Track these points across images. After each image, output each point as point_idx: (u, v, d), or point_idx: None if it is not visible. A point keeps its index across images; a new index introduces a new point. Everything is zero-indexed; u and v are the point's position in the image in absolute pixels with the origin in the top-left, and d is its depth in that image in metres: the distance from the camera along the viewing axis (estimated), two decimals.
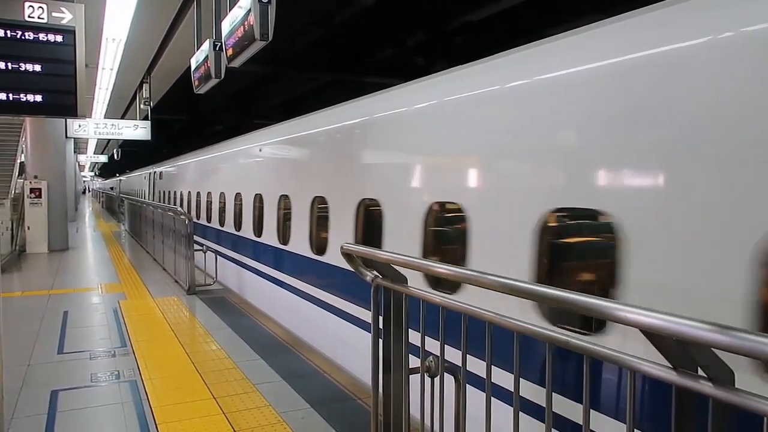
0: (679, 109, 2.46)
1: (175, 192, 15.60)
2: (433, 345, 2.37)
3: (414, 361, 2.52)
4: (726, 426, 1.38)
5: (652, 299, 2.46)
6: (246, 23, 5.15)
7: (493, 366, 2.04)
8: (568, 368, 2.74)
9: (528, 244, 3.10)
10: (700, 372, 1.39)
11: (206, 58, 7.05)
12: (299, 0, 8.25)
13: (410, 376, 2.55)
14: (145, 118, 15.06)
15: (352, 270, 2.74)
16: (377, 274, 2.69)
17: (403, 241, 4.35)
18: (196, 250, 8.25)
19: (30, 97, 6.47)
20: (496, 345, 2.03)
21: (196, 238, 8.50)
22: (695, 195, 2.38)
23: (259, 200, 8.09)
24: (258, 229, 8.06)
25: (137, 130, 14.85)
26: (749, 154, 2.18)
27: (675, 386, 1.45)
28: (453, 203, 3.94)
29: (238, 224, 9.02)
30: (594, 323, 2.79)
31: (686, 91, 2.45)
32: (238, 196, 9.09)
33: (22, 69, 6.43)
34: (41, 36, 6.46)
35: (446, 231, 4.20)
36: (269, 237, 7.60)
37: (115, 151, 28.71)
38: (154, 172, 20.20)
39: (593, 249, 3.19)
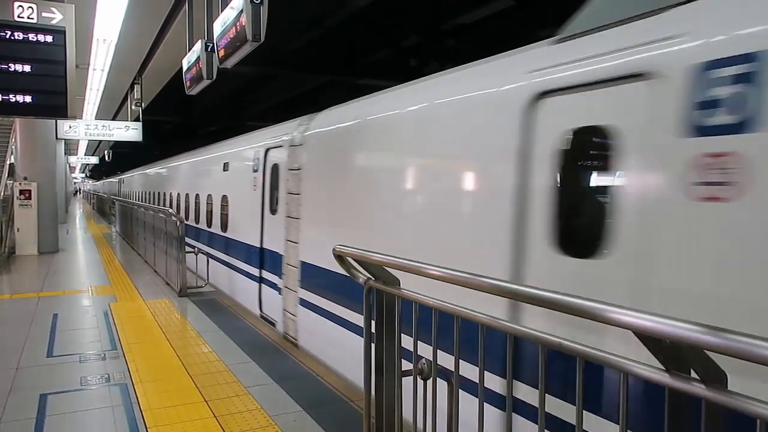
0: None
1: (128, 192, 26.28)
2: (425, 347, 2.36)
3: (407, 364, 2.51)
4: (718, 428, 1.38)
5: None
6: (238, 24, 5.13)
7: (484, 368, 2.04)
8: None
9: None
10: (693, 374, 1.39)
11: (198, 59, 7.01)
12: (291, 1, 8.23)
13: (403, 378, 2.54)
14: (137, 119, 14.97)
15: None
16: (370, 276, 2.67)
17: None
18: (188, 252, 8.21)
19: (20, 98, 6.44)
20: (486, 346, 2.02)
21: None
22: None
23: (162, 195, 15.41)
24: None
25: (128, 131, 14.77)
26: None
27: (668, 388, 1.45)
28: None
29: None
30: None
31: None
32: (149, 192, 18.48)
33: (12, 69, 6.40)
34: (31, 36, 6.42)
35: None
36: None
37: (106, 152, 28.59)
38: (120, 178, 31.99)
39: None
